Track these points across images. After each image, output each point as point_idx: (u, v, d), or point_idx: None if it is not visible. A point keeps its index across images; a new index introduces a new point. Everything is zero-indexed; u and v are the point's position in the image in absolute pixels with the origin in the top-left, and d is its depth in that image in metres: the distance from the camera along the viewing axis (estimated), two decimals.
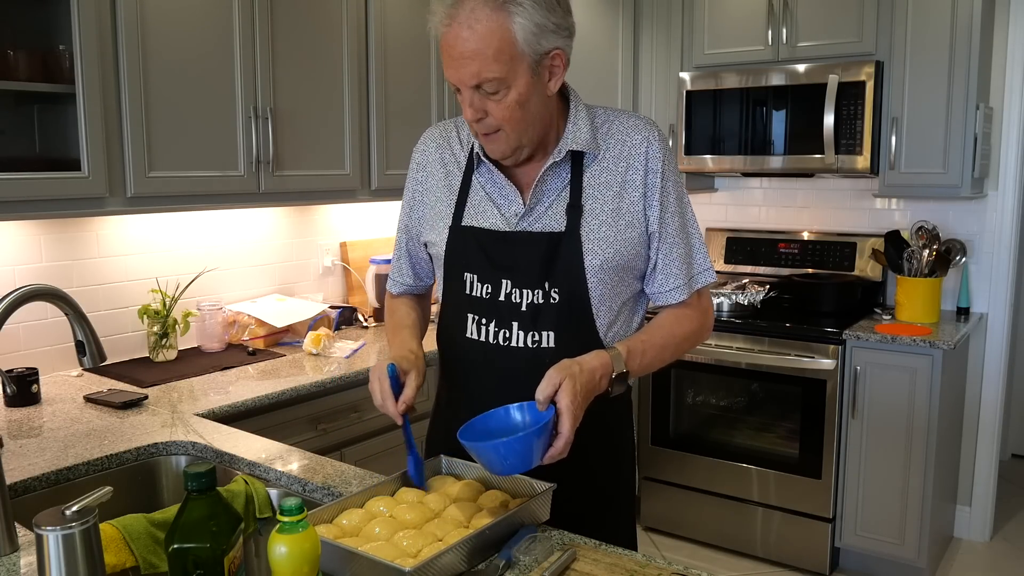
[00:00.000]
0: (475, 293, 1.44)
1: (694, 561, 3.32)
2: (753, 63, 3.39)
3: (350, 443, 2.45)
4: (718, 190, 3.96)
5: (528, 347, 1.41)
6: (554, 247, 1.39)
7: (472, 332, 1.45)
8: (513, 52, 1.27)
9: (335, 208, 3.23)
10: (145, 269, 2.64)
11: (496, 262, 1.42)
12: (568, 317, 1.40)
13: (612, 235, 1.39)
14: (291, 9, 2.58)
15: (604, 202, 1.40)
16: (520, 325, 1.41)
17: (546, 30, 1.28)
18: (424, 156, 1.55)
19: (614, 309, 1.43)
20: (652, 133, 1.42)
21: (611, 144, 1.42)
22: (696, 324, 1.49)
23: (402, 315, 1.60)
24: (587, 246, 1.38)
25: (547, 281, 1.39)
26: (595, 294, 1.40)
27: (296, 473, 1.58)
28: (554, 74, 1.34)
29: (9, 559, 1.25)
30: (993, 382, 3.39)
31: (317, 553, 0.99)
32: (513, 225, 1.42)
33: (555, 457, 1.22)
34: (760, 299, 3.41)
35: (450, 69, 1.31)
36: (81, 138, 2.10)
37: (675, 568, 1.17)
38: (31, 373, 2.11)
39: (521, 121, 1.33)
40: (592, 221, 1.39)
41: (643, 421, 3.50)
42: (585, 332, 1.41)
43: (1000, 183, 3.31)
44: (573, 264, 1.38)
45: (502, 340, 1.42)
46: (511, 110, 1.31)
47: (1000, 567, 3.28)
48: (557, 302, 1.39)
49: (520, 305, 1.41)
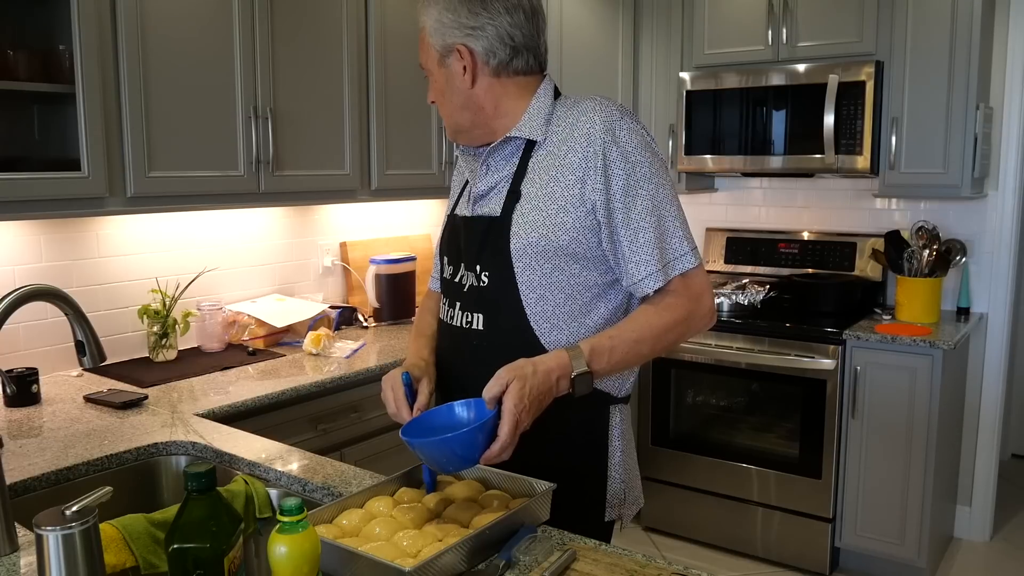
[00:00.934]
0: (445, 275, 1.55)
1: (694, 561, 3.32)
2: (753, 63, 3.39)
3: (350, 443, 2.45)
4: (718, 190, 3.96)
5: (463, 327, 1.47)
6: (486, 231, 1.44)
7: (440, 312, 1.57)
8: (427, 43, 1.47)
9: (335, 208, 3.23)
10: (145, 269, 2.64)
11: (455, 246, 1.52)
12: (495, 301, 1.42)
13: (540, 219, 1.39)
14: (291, 9, 2.58)
15: (540, 186, 1.41)
16: (461, 305, 1.48)
17: (445, 26, 1.43)
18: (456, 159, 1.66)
19: (548, 297, 1.40)
20: (597, 115, 1.37)
21: (559, 129, 1.42)
22: (682, 312, 1.38)
23: (424, 324, 1.64)
24: (513, 229, 1.40)
25: (478, 264, 1.44)
26: (522, 278, 1.40)
27: (296, 473, 1.58)
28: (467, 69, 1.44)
29: (9, 559, 1.25)
30: (993, 382, 3.39)
31: (317, 553, 0.99)
32: (471, 211, 1.49)
33: (491, 459, 1.21)
34: (760, 299, 3.41)
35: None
36: (81, 138, 2.10)
37: (675, 568, 1.17)
38: (31, 373, 2.11)
39: (445, 105, 1.49)
40: (525, 205, 1.41)
41: (643, 421, 3.50)
42: (513, 317, 1.41)
43: (1000, 183, 3.31)
44: (499, 247, 1.41)
45: (450, 319, 1.51)
46: (435, 94, 1.50)
47: (1000, 567, 3.28)
48: (486, 285, 1.43)
49: (463, 287, 1.48)
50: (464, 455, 1.19)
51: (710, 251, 3.90)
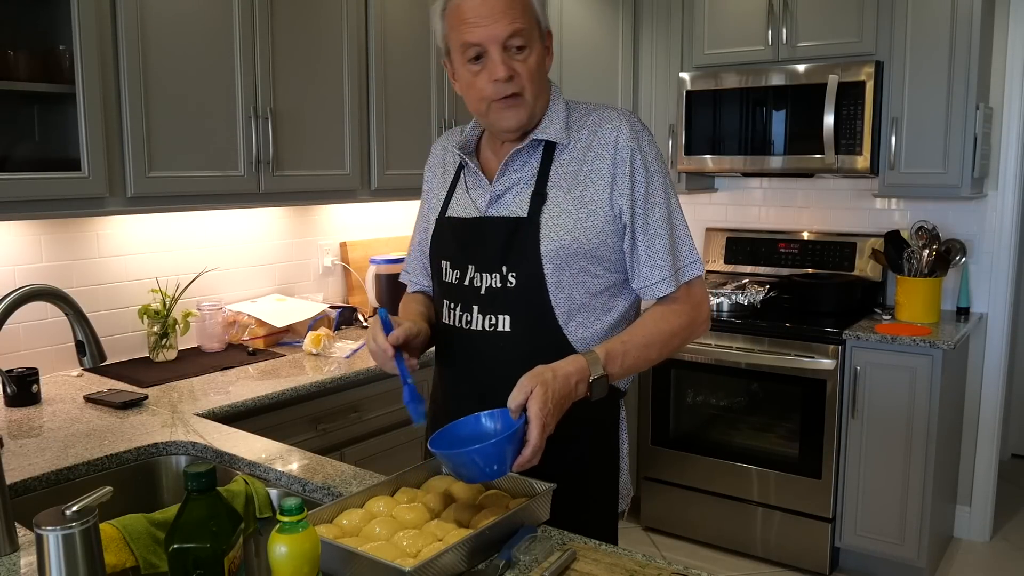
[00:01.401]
0: (448, 279, 1.50)
1: (694, 561, 3.32)
2: (753, 63, 3.39)
3: (350, 443, 2.45)
4: (718, 190, 3.96)
5: (485, 330, 1.44)
6: (513, 231, 1.42)
7: (446, 317, 1.51)
8: (533, 13, 1.39)
9: (335, 208, 3.23)
10: (145, 269, 2.64)
11: (465, 248, 1.47)
12: (524, 301, 1.42)
13: (571, 222, 1.41)
14: (291, 9, 2.58)
15: (568, 190, 1.42)
16: (479, 308, 1.45)
17: (544, 8, 1.41)
18: (433, 159, 1.64)
19: (575, 299, 1.43)
20: (623, 123, 1.44)
21: (582, 135, 1.45)
22: (686, 318, 1.46)
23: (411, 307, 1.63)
24: (544, 231, 1.40)
25: (505, 265, 1.43)
26: (551, 280, 1.41)
27: (296, 473, 1.58)
28: (548, 51, 1.45)
29: (9, 559, 1.25)
30: (993, 382, 3.39)
31: (317, 553, 0.99)
32: (483, 211, 1.47)
33: (523, 465, 1.22)
34: (760, 299, 3.41)
35: (479, 28, 1.35)
36: (81, 138, 2.10)
37: (675, 568, 1.17)
38: (31, 373, 2.11)
39: (538, 85, 1.41)
40: (553, 208, 1.42)
41: (643, 421, 3.50)
42: (541, 318, 1.42)
43: (1000, 183, 3.31)
44: (529, 248, 1.41)
45: (464, 323, 1.47)
46: (534, 71, 1.40)
47: (1000, 567, 3.28)
48: (513, 286, 1.42)
49: (480, 289, 1.45)
50: (497, 464, 1.20)
51: (710, 251, 3.90)
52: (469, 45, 1.37)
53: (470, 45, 1.37)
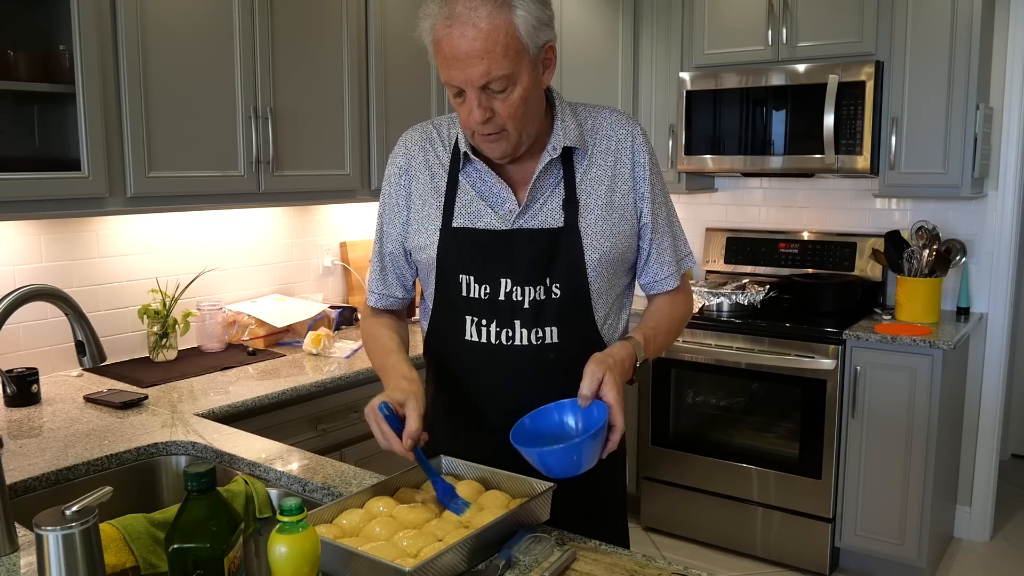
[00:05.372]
0: (472, 295, 1.43)
1: (694, 561, 3.32)
2: (753, 63, 3.39)
3: (350, 443, 2.45)
4: (718, 190, 3.96)
5: (532, 344, 1.42)
6: (554, 243, 1.40)
7: (471, 334, 1.44)
8: (519, 47, 1.27)
9: (335, 208, 3.23)
10: (145, 269, 2.64)
11: (494, 261, 1.41)
12: (570, 312, 1.42)
13: (608, 228, 1.42)
14: (291, 9, 2.58)
15: (597, 196, 1.42)
16: (523, 323, 1.41)
17: (542, 23, 1.29)
18: (407, 160, 1.52)
19: (609, 302, 1.47)
20: (635, 127, 1.47)
21: (598, 139, 1.45)
22: (687, 307, 1.57)
23: (385, 340, 1.54)
24: (587, 240, 1.40)
25: (548, 277, 1.41)
26: (594, 288, 1.43)
27: (296, 473, 1.58)
28: (547, 67, 1.36)
29: (9, 559, 1.25)
30: (993, 382, 3.39)
31: (317, 553, 0.99)
32: (510, 223, 1.40)
33: (610, 451, 1.25)
34: (760, 299, 3.41)
35: (455, 71, 1.27)
36: (81, 138, 2.10)
37: (675, 568, 1.17)
38: (31, 373, 2.11)
39: (523, 117, 1.33)
40: (588, 216, 1.41)
41: (643, 421, 3.50)
42: (585, 326, 1.44)
43: (1000, 183, 3.31)
44: (574, 258, 1.40)
45: (505, 339, 1.42)
46: (516, 107, 1.31)
47: (1000, 567, 3.28)
48: (559, 297, 1.41)
49: (523, 303, 1.40)
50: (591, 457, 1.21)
51: (710, 251, 3.90)
52: (448, 83, 1.31)
53: (448, 83, 1.31)
